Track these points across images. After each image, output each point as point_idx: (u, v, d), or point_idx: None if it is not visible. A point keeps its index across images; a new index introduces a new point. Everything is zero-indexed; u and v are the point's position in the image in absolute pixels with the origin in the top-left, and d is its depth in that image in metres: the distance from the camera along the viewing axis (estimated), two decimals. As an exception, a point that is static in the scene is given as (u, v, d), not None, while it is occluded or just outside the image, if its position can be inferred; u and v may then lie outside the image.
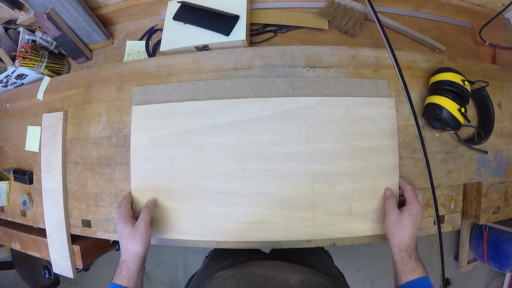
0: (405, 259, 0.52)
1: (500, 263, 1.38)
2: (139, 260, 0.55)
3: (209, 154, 0.64)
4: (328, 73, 0.66)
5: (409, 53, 0.69)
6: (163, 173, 0.65)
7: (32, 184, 0.84)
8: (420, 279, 0.49)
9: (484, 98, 0.69)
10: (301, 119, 0.63)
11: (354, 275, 1.65)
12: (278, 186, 0.62)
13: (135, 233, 0.56)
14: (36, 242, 0.85)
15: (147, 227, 0.58)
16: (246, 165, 0.63)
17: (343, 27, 0.79)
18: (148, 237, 0.57)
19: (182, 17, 0.79)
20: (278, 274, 0.53)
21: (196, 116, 0.65)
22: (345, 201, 0.62)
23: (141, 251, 0.55)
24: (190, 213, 0.64)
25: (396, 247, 0.53)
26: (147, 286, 1.77)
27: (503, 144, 0.72)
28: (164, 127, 0.66)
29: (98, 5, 0.89)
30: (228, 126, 0.64)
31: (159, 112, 0.66)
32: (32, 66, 0.87)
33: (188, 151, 0.64)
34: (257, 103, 0.64)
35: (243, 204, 0.63)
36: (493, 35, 0.88)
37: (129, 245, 0.56)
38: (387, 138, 0.63)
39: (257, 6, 0.84)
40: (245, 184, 0.63)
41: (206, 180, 0.64)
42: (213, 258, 0.76)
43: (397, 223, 0.55)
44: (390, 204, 0.58)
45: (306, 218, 0.62)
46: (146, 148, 0.66)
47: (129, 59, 0.89)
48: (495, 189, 0.71)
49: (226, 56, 0.68)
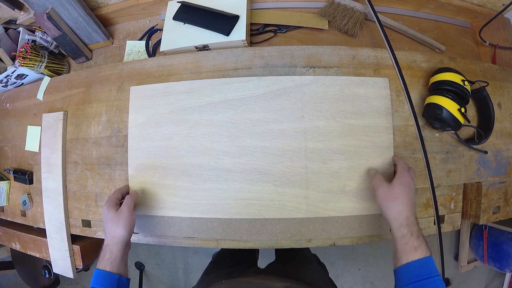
0: (405, 236, 0.46)
1: (500, 263, 1.38)
2: (121, 245, 0.55)
3: (204, 131, 0.65)
4: (328, 73, 0.66)
5: (409, 53, 0.69)
6: (160, 151, 0.66)
7: (32, 184, 0.84)
8: (423, 260, 0.44)
9: (484, 98, 0.69)
10: (295, 97, 0.63)
11: (354, 275, 1.65)
12: (272, 163, 0.63)
13: (118, 218, 0.56)
14: (36, 242, 0.85)
15: (130, 212, 0.58)
16: (240, 142, 0.64)
17: (343, 27, 0.79)
18: (131, 222, 0.58)
19: (182, 17, 0.79)
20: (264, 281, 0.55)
21: (191, 95, 0.65)
22: (338, 179, 0.62)
23: (124, 236, 0.55)
24: (185, 190, 0.65)
25: (395, 221, 0.49)
26: (147, 286, 1.77)
27: (503, 144, 0.72)
28: (160, 106, 0.67)
29: (98, 5, 0.89)
30: (222, 104, 0.64)
31: (155, 92, 0.68)
32: (32, 66, 0.87)
33: (183, 128, 0.65)
34: (251, 82, 0.64)
35: (237, 181, 0.63)
36: (493, 35, 0.88)
37: (112, 229, 0.56)
38: (381, 117, 0.63)
39: (257, 6, 0.84)
40: (239, 160, 0.63)
41: (201, 157, 0.64)
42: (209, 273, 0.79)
43: (389, 195, 0.51)
44: (377, 179, 0.56)
45: (300, 195, 0.63)
46: (143, 126, 0.67)
47: (129, 59, 0.89)
48: (495, 189, 0.71)
49: (226, 56, 0.68)
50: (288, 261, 0.84)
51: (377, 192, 0.54)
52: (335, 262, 1.65)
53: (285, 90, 0.64)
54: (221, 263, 0.86)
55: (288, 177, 0.63)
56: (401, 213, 0.49)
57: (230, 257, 0.90)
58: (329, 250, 1.64)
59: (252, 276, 0.60)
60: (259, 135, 0.63)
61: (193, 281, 1.70)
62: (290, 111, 0.63)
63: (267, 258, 1.00)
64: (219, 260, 0.91)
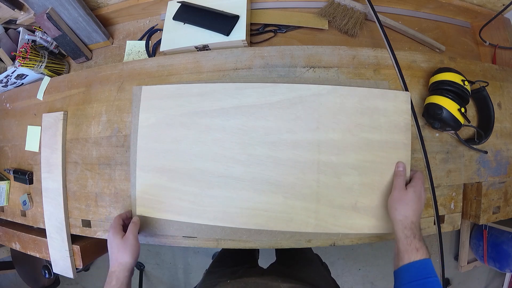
0: (409, 237, 0.50)
1: (500, 263, 1.38)
2: (128, 272, 0.56)
3: (215, 137, 0.63)
4: (328, 73, 0.66)
5: (409, 53, 0.69)
6: (168, 154, 0.65)
7: (32, 184, 0.84)
8: (423, 261, 0.47)
9: (484, 98, 0.69)
10: (311, 107, 0.61)
11: (354, 275, 1.65)
12: (283, 174, 0.61)
13: (125, 244, 0.57)
14: (36, 242, 0.85)
15: (136, 240, 0.59)
16: (252, 151, 0.62)
17: (343, 27, 0.79)
18: (137, 249, 0.59)
19: (182, 17, 0.79)
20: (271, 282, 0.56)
21: (204, 98, 0.64)
22: (350, 195, 0.60)
23: (130, 263, 0.57)
24: (193, 195, 0.63)
25: (400, 223, 0.52)
26: (147, 286, 1.77)
27: (503, 144, 0.72)
28: (171, 108, 0.65)
29: (98, 5, 0.89)
30: (235, 110, 0.62)
31: (167, 93, 0.66)
32: (32, 66, 0.87)
33: (194, 132, 0.64)
34: (266, 88, 0.62)
35: (245, 190, 0.62)
36: (493, 35, 0.88)
37: (119, 256, 0.56)
38: (400, 133, 0.61)
39: (257, 6, 0.84)
40: (249, 169, 0.62)
41: (211, 163, 0.63)
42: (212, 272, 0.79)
43: (401, 199, 0.54)
44: (399, 181, 0.57)
45: (310, 209, 0.61)
46: (153, 127, 0.66)
47: (129, 59, 0.89)
48: (495, 189, 0.71)
49: (226, 56, 0.68)
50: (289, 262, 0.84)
51: (393, 192, 0.57)
52: (335, 262, 1.65)
53: (301, 99, 0.61)
54: (223, 263, 0.86)
55: (299, 190, 0.61)
56: (408, 218, 0.52)
57: (230, 257, 0.90)
58: (329, 250, 1.64)
59: (257, 277, 0.60)
60: (271, 145, 0.61)
61: (193, 281, 1.70)
62: (305, 121, 0.61)
63: (267, 258, 1.01)
64: (221, 259, 0.91)
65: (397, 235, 0.52)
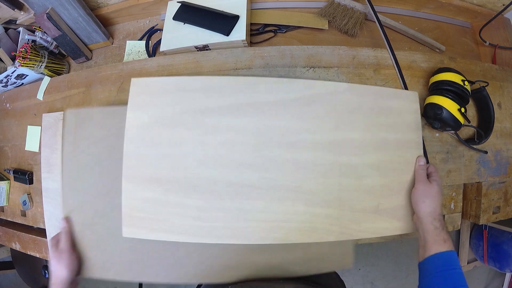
0: (437, 228, 0.50)
1: (500, 263, 1.38)
2: (65, 285, 0.55)
3: (223, 138, 0.55)
4: (328, 73, 0.66)
5: (409, 53, 0.69)
6: (166, 160, 0.55)
7: (32, 184, 0.84)
8: (450, 252, 0.48)
9: (484, 98, 0.69)
10: (329, 106, 0.57)
11: (354, 275, 1.65)
12: (302, 179, 0.55)
13: (59, 257, 0.56)
14: (36, 242, 0.85)
15: (69, 252, 0.56)
16: (267, 153, 0.55)
17: (343, 27, 0.79)
18: (72, 262, 0.56)
19: (182, 17, 0.79)
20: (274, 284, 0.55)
21: (209, 94, 0.56)
22: (372, 197, 0.57)
23: (67, 277, 0.55)
24: (197, 209, 0.54)
25: (429, 216, 0.52)
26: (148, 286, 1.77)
27: (503, 144, 0.72)
28: (169, 105, 0.56)
29: (98, 5, 0.89)
30: (247, 108, 0.55)
31: (164, 87, 0.56)
32: (32, 66, 0.87)
33: (197, 134, 0.55)
34: (282, 84, 0.57)
35: (261, 199, 0.54)
36: (493, 35, 0.88)
37: (55, 269, 0.55)
38: (412, 132, 0.60)
39: (257, 6, 0.84)
40: (265, 175, 0.54)
41: (218, 169, 0.54)
42: None
43: (428, 191, 0.54)
44: (421, 173, 0.57)
45: (332, 216, 0.55)
46: (145, 128, 0.55)
47: (129, 59, 0.89)
48: (495, 189, 0.71)
49: (226, 56, 0.68)
50: None
51: (417, 185, 0.57)
52: (335, 262, 1.64)
53: (319, 96, 0.57)
54: None
55: (321, 196, 0.55)
56: (436, 209, 0.53)
57: None
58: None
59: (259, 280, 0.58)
60: (289, 146, 0.55)
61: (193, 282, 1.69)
62: (325, 120, 0.56)
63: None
64: None
65: (426, 227, 0.52)
